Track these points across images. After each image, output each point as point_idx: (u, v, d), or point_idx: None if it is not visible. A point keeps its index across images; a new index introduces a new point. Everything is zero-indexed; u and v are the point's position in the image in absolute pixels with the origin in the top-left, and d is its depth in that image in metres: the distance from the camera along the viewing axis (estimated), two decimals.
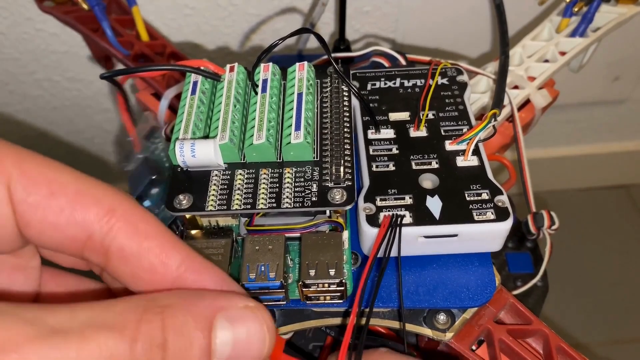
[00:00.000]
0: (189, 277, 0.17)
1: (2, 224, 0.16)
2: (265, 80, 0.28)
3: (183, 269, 0.17)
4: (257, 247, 0.24)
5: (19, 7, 0.52)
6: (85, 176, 0.17)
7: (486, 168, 0.27)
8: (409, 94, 0.31)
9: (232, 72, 0.28)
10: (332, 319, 0.26)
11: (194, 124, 0.26)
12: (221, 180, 0.26)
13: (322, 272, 0.23)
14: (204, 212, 0.25)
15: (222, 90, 0.28)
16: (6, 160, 0.16)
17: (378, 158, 0.28)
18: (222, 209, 0.25)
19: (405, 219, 0.25)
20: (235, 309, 0.16)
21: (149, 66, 0.27)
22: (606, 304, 0.75)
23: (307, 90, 0.28)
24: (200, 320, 0.16)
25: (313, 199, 0.25)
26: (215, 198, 0.25)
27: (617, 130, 0.78)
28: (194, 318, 0.15)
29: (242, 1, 0.53)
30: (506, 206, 0.25)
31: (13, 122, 0.66)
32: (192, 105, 0.27)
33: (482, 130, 0.27)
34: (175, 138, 0.26)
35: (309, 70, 0.29)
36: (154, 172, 0.31)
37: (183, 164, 0.26)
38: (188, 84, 0.28)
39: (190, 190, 0.25)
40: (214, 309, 0.16)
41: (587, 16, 0.38)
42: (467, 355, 0.26)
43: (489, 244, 0.26)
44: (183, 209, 0.25)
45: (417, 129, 0.29)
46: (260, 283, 0.23)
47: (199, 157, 0.25)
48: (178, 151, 0.25)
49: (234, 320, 0.16)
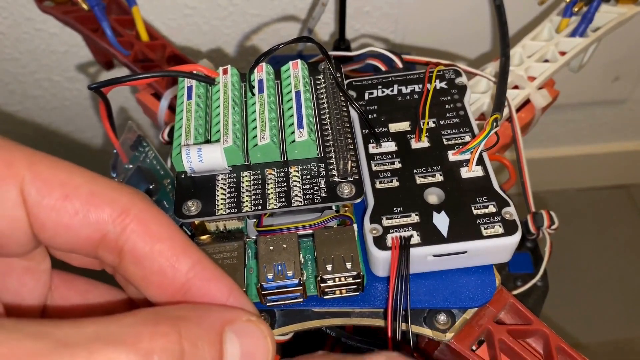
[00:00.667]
0: (197, 283, 0.17)
1: (16, 226, 0.16)
2: (260, 80, 0.28)
3: (192, 274, 0.17)
4: (271, 247, 0.24)
5: (19, 7, 0.52)
6: (98, 176, 0.17)
7: (491, 178, 0.26)
8: (408, 101, 0.31)
9: (225, 74, 0.28)
10: (333, 319, 0.26)
11: (194, 129, 0.26)
12: (228, 184, 0.25)
13: (339, 266, 0.24)
14: (215, 217, 0.24)
15: (218, 93, 0.27)
16: (19, 162, 0.16)
17: (381, 174, 0.27)
18: (233, 212, 0.24)
19: (413, 239, 0.24)
20: (240, 322, 0.17)
21: (139, 74, 0.27)
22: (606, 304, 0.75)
23: (304, 87, 0.28)
24: (212, 334, 0.16)
25: (322, 194, 0.25)
26: (225, 202, 0.25)
27: (617, 130, 0.78)
28: (206, 331, 0.15)
29: (242, 1, 0.53)
30: (514, 218, 0.25)
31: (13, 122, 0.66)
32: (190, 110, 0.27)
33: (485, 139, 0.27)
34: (177, 144, 0.26)
35: (302, 67, 0.29)
36: (149, 181, 0.30)
37: (190, 170, 0.25)
38: (182, 89, 0.28)
39: (197, 196, 0.25)
40: (222, 322, 0.16)
41: (587, 16, 0.38)
42: (467, 355, 0.26)
43: (497, 257, 0.26)
44: (193, 215, 0.24)
45: (419, 140, 0.28)
46: (278, 282, 0.23)
47: (207, 161, 0.25)
48: (185, 157, 0.25)
49: (240, 333, 0.16)
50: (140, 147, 0.32)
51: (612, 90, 0.70)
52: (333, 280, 0.24)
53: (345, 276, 0.24)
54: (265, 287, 0.24)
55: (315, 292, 0.25)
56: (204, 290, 0.17)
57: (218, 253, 0.25)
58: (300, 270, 0.24)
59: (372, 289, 0.26)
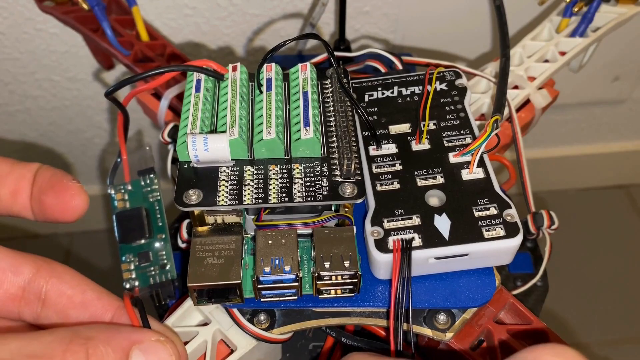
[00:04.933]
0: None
1: None
2: (269, 79, 0.28)
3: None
4: (269, 242, 0.24)
5: (19, 7, 0.52)
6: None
7: (492, 180, 0.26)
8: (408, 103, 0.31)
9: (234, 71, 0.28)
10: (332, 319, 0.26)
11: (201, 120, 0.26)
12: (230, 176, 0.25)
13: (337, 264, 0.24)
14: (215, 207, 0.24)
15: (227, 88, 0.28)
16: None
17: (382, 176, 0.27)
18: (234, 204, 0.24)
19: (414, 242, 0.24)
20: (148, 342, 0.19)
21: (152, 70, 0.26)
22: (606, 304, 0.75)
23: (311, 89, 0.28)
24: (118, 351, 0.18)
25: (324, 193, 0.25)
26: (226, 193, 0.25)
27: (617, 130, 0.78)
28: (114, 349, 0.18)
29: (242, 1, 0.53)
30: (515, 221, 0.25)
31: (13, 122, 0.66)
32: (198, 102, 0.27)
33: (486, 140, 0.27)
34: (183, 134, 0.26)
35: (311, 71, 0.29)
36: (147, 232, 0.30)
37: (195, 159, 0.25)
38: (191, 82, 0.28)
39: (199, 186, 0.25)
40: (130, 342, 0.19)
41: (587, 16, 0.38)
42: (467, 355, 0.26)
43: (499, 260, 0.26)
44: (193, 204, 0.24)
45: (419, 142, 0.28)
46: (275, 276, 0.23)
47: (212, 151, 0.25)
48: (190, 145, 0.25)
49: (147, 352, 0.19)
50: (147, 179, 0.31)
51: (612, 90, 0.70)
52: (330, 278, 0.24)
53: (342, 274, 0.24)
54: (261, 281, 0.24)
55: (311, 292, 0.25)
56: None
57: (216, 244, 0.25)
58: (298, 266, 0.24)
59: (372, 289, 0.26)
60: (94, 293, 0.20)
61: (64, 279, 0.20)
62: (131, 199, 0.31)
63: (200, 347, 0.26)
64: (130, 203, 0.31)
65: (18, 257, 0.20)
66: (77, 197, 0.21)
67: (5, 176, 0.21)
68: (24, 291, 0.20)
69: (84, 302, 0.20)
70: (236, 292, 0.24)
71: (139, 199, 0.31)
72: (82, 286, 0.20)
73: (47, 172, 0.22)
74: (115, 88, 0.26)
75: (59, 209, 0.21)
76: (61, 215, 0.21)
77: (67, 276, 0.20)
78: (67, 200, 0.21)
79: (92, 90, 0.62)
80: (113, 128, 0.68)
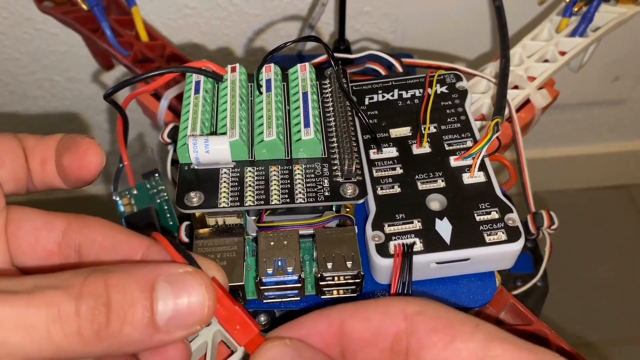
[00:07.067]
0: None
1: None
2: (268, 80, 0.28)
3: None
4: (271, 243, 0.24)
5: (19, 7, 0.52)
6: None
7: (494, 184, 0.26)
8: (408, 106, 0.31)
9: (233, 72, 0.28)
10: None
11: (201, 122, 0.26)
12: (231, 178, 0.25)
13: (340, 265, 0.24)
14: (217, 209, 0.24)
15: (226, 90, 0.28)
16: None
17: (382, 180, 0.27)
18: (236, 206, 0.24)
19: (415, 246, 0.24)
20: (175, 274, 0.18)
21: (150, 72, 0.26)
22: (606, 304, 0.75)
23: (311, 89, 0.28)
24: (142, 282, 0.17)
25: (326, 193, 0.25)
26: (227, 195, 0.25)
27: (617, 130, 0.78)
28: (136, 280, 0.17)
29: (242, 1, 0.53)
30: (517, 225, 0.25)
31: (13, 122, 0.66)
32: (197, 104, 0.27)
33: (487, 144, 0.27)
34: (183, 136, 0.26)
35: (310, 71, 0.29)
36: (153, 227, 0.30)
37: (195, 161, 0.25)
38: (189, 84, 0.28)
39: (200, 188, 0.25)
40: (155, 274, 0.17)
41: (587, 16, 0.38)
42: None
43: (500, 264, 0.26)
44: (194, 206, 0.24)
45: (420, 146, 0.28)
46: (278, 277, 0.23)
47: (213, 152, 0.25)
48: (191, 147, 0.25)
49: (174, 283, 0.17)
50: (153, 180, 0.31)
51: (612, 90, 0.70)
52: (332, 278, 0.24)
53: (345, 275, 0.24)
54: (264, 282, 0.24)
55: (313, 292, 0.25)
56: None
57: (217, 246, 0.25)
58: (300, 267, 0.24)
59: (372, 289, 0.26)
60: (123, 235, 0.20)
61: (95, 228, 0.20)
62: (138, 202, 0.31)
63: (201, 348, 0.26)
64: (137, 206, 0.31)
65: (50, 215, 0.21)
66: (90, 151, 0.21)
67: (32, 148, 0.22)
68: (60, 246, 0.20)
69: (114, 245, 0.20)
70: (239, 293, 0.24)
71: (146, 201, 0.31)
72: (112, 231, 0.20)
73: (67, 137, 0.22)
74: (114, 90, 0.26)
75: (76, 167, 0.21)
76: (80, 173, 0.21)
77: (97, 225, 0.20)
78: (81, 156, 0.21)
79: (92, 90, 0.62)
80: (113, 128, 0.68)
